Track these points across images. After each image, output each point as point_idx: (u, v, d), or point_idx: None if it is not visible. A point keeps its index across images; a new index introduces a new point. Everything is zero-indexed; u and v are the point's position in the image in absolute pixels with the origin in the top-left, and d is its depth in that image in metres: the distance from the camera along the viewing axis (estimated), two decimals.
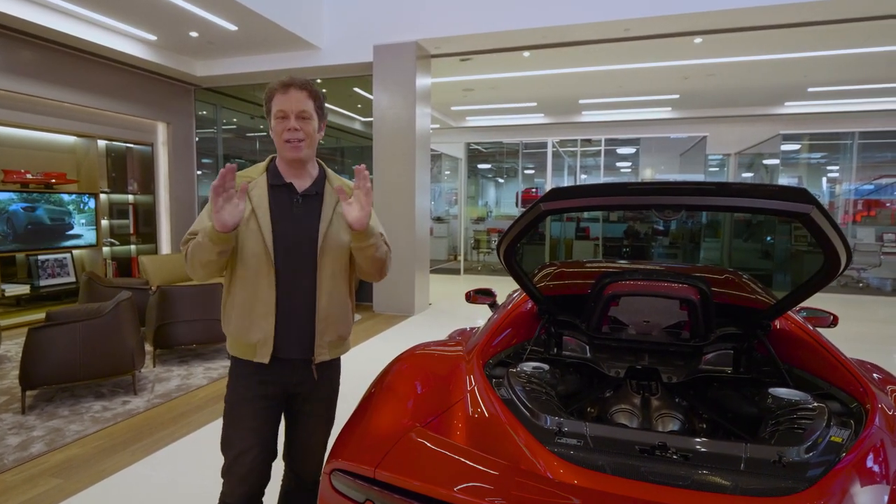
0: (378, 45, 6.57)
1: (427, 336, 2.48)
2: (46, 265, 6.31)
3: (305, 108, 1.55)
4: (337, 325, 1.64)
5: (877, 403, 1.38)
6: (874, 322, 6.70)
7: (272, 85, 1.56)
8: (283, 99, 1.54)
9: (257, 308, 1.56)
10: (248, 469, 1.60)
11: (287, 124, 1.54)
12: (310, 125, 1.57)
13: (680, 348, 2.00)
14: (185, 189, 8.07)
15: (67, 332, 3.46)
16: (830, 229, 1.37)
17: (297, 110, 1.54)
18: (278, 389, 1.62)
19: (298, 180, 1.62)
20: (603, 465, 1.22)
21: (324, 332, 1.61)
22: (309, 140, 1.58)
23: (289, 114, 1.53)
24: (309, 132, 1.57)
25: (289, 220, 1.58)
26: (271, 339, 1.56)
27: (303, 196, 1.60)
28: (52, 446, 2.98)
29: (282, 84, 1.55)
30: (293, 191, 1.60)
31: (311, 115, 1.57)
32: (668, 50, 6.86)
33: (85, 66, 6.47)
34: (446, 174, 13.64)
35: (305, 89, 1.56)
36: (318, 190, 1.63)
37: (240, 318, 1.58)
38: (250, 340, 1.57)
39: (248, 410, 1.59)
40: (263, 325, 1.56)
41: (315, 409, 1.70)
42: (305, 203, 1.61)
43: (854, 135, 10.09)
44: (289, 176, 1.62)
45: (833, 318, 2.57)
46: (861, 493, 1.11)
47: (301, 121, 1.55)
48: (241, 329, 1.58)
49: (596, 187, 1.50)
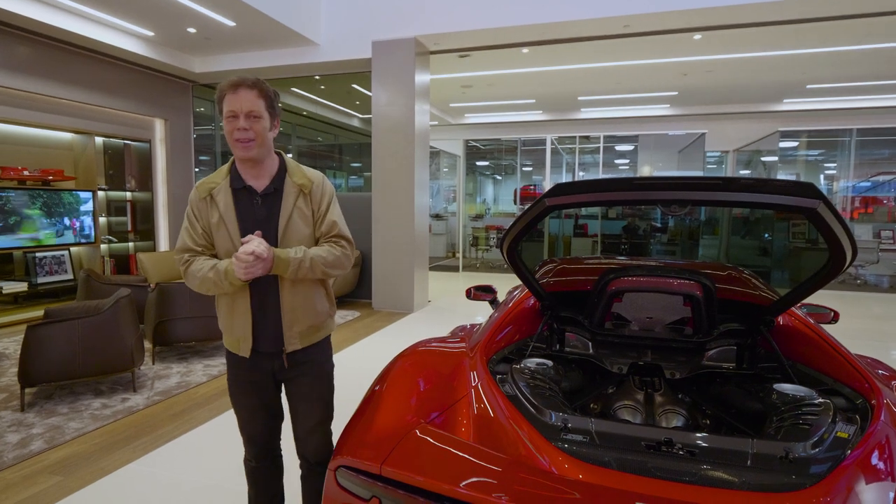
0: (376, 40, 6.54)
1: (427, 333, 2.47)
2: (44, 262, 6.29)
3: (254, 108, 1.57)
4: (305, 316, 1.71)
5: (882, 399, 1.38)
6: (872, 318, 6.72)
7: (222, 85, 1.58)
8: (232, 99, 1.56)
9: (236, 308, 1.68)
10: (252, 431, 1.81)
11: (237, 124, 1.57)
12: (259, 124, 1.59)
13: (683, 344, 1.99)
14: (183, 186, 8.04)
15: (66, 329, 3.44)
16: (837, 224, 1.37)
17: (246, 110, 1.56)
18: (263, 375, 1.75)
19: (257, 180, 1.67)
20: (609, 461, 1.21)
21: (291, 323, 1.69)
22: (259, 139, 1.60)
23: (238, 113, 1.56)
24: (258, 131, 1.59)
25: (252, 221, 1.64)
26: (250, 335, 1.67)
27: (262, 196, 1.66)
28: (51, 444, 2.96)
29: (231, 84, 1.57)
30: (253, 192, 1.66)
31: (261, 115, 1.59)
32: (667, 46, 6.85)
33: (82, 62, 6.43)
34: (444, 171, 13.62)
35: (255, 88, 1.58)
36: (278, 187, 1.68)
37: (224, 316, 1.73)
38: (234, 337, 1.71)
39: (243, 394, 1.77)
40: (242, 322, 1.67)
41: (305, 394, 1.78)
42: (265, 202, 1.67)
43: (852, 132, 10.10)
44: (248, 177, 1.66)
45: (834, 314, 2.57)
46: (868, 488, 1.10)
47: (251, 120, 1.57)
48: (227, 326, 1.73)
49: (601, 182, 1.49)
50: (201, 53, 7.31)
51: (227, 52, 7.21)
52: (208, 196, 1.65)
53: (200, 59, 7.46)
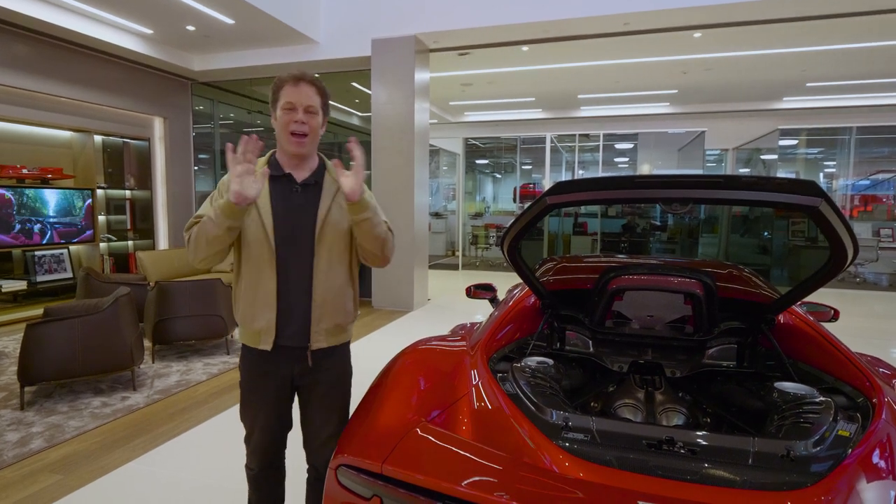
0: (376, 38, 6.53)
1: (427, 331, 2.47)
2: (43, 261, 6.28)
3: (313, 103, 1.59)
4: (334, 313, 1.67)
5: (883, 397, 1.38)
6: (871, 317, 6.73)
7: (283, 77, 1.59)
8: (292, 91, 1.57)
9: (260, 296, 1.61)
10: (259, 441, 1.74)
11: (294, 116, 1.57)
12: (315, 120, 1.61)
13: (683, 343, 1.99)
14: (182, 184, 8.03)
15: (66, 327, 3.44)
16: (838, 222, 1.36)
17: (305, 104, 1.57)
18: (283, 376, 1.68)
19: (298, 171, 1.66)
20: (610, 460, 1.21)
21: (320, 318, 1.64)
22: (313, 134, 1.62)
23: (297, 106, 1.57)
24: (314, 127, 1.61)
25: (288, 208, 1.61)
26: (273, 326, 1.61)
27: (302, 185, 1.64)
28: (51, 442, 2.96)
29: (293, 77, 1.58)
30: (292, 180, 1.64)
31: (317, 111, 1.61)
32: (666, 44, 6.84)
33: (80, 60, 6.42)
34: (444, 169, 13.61)
35: (315, 85, 1.61)
36: (318, 180, 1.67)
37: (245, 306, 1.64)
38: (255, 328, 1.63)
39: (257, 394, 1.69)
40: (266, 312, 1.61)
41: (322, 401, 1.72)
42: (304, 192, 1.64)
43: (851, 130, 10.10)
44: (288, 167, 1.65)
45: (834, 312, 2.57)
46: (870, 487, 1.10)
47: (308, 115, 1.59)
48: (247, 317, 1.64)
49: (602, 180, 1.49)
50: (200, 51, 7.29)
51: (226, 50, 7.19)
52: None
53: (200, 57, 7.45)
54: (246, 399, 1.73)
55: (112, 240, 7.28)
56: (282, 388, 1.70)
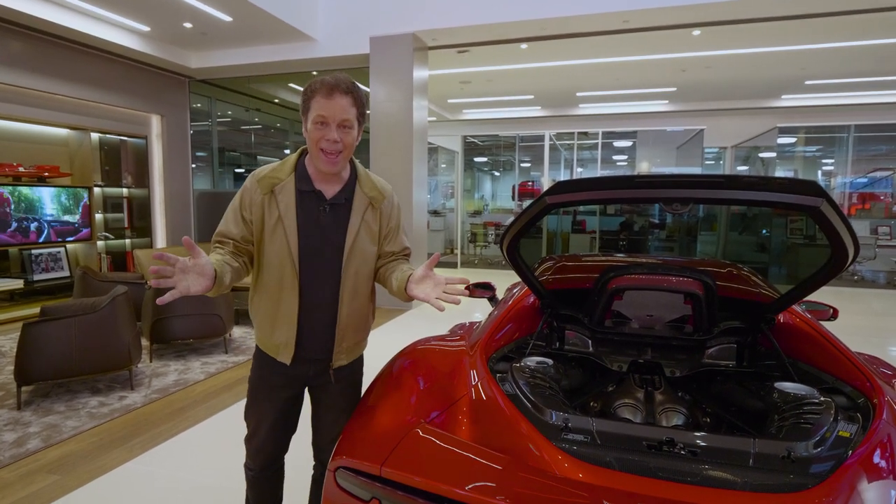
0: (374, 36, 6.51)
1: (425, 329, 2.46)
2: (40, 259, 6.25)
3: (348, 117, 1.44)
4: (356, 332, 1.65)
5: (884, 397, 1.37)
6: (869, 315, 6.74)
7: (315, 84, 1.44)
8: (325, 104, 1.41)
9: (280, 315, 1.55)
10: (263, 442, 1.70)
11: (327, 133, 1.43)
12: (350, 135, 1.47)
13: (683, 342, 1.99)
14: (180, 182, 8.01)
15: (63, 327, 3.42)
16: (840, 222, 1.36)
17: (339, 119, 1.43)
18: (297, 383, 1.66)
19: (327, 185, 1.55)
20: (610, 462, 1.20)
21: (342, 339, 1.61)
22: (347, 151, 1.49)
23: (329, 121, 1.43)
24: (349, 143, 1.47)
25: (315, 229, 1.53)
26: (293, 343, 1.56)
27: (331, 204, 1.54)
28: (48, 442, 2.95)
29: (326, 86, 1.41)
30: (322, 198, 1.54)
31: (352, 125, 1.47)
32: (666, 42, 6.83)
33: (77, 57, 6.39)
34: (443, 167, 13.59)
35: (350, 94, 1.44)
36: (348, 197, 1.57)
37: (264, 319, 1.60)
38: (273, 341, 1.59)
39: (265, 396, 1.66)
40: (286, 329, 1.56)
41: (337, 402, 1.70)
42: (333, 211, 1.55)
43: (850, 128, 10.10)
44: (318, 181, 1.54)
45: (833, 311, 2.56)
46: (871, 487, 1.10)
47: (342, 130, 1.45)
48: (265, 329, 1.60)
49: (602, 180, 1.48)
50: (197, 49, 7.26)
51: (223, 47, 7.17)
52: (270, 193, 1.51)
53: (197, 54, 7.42)
54: (254, 398, 1.68)
55: (109, 238, 7.26)
56: (296, 394, 1.68)
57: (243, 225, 1.53)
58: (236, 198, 1.56)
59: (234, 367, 4.34)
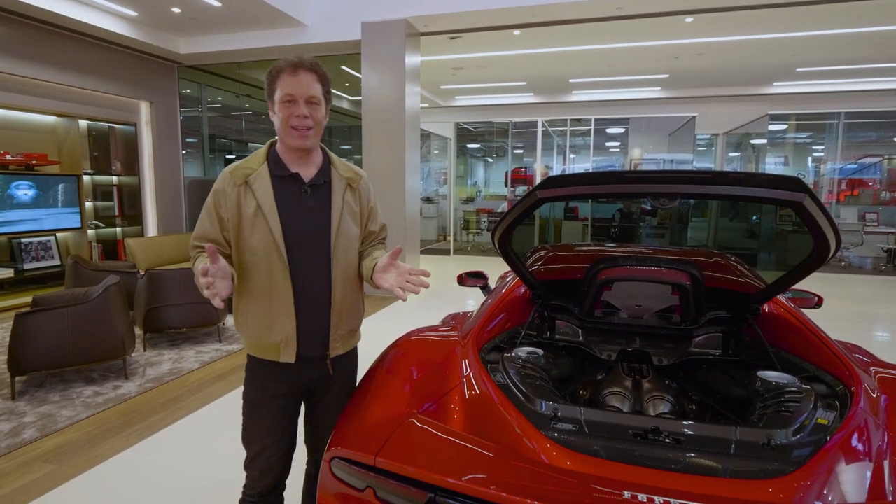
0: (366, 21, 6.44)
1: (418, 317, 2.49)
2: (30, 248, 6.21)
3: (315, 93, 1.45)
4: (349, 318, 1.62)
5: (861, 386, 1.42)
6: (855, 301, 6.86)
7: (279, 64, 1.45)
8: (291, 81, 1.43)
9: (276, 308, 1.51)
10: (268, 465, 1.61)
11: (295, 110, 1.44)
12: (319, 112, 1.48)
13: (670, 332, 2.03)
14: (170, 169, 7.94)
15: (55, 317, 3.42)
16: (822, 217, 1.39)
17: (306, 95, 1.44)
18: (298, 387, 1.61)
19: (304, 169, 1.53)
20: (597, 450, 1.24)
21: (337, 326, 1.58)
22: (318, 127, 1.49)
23: (297, 98, 1.43)
24: (318, 119, 1.48)
25: (298, 212, 1.50)
26: (294, 338, 1.52)
27: (311, 186, 1.52)
28: (44, 432, 2.97)
29: (290, 64, 1.43)
30: (300, 181, 1.52)
31: (319, 101, 1.48)
32: (658, 29, 6.81)
33: (63, 43, 6.28)
34: (435, 154, 13.55)
35: (315, 72, 1.46)
36: (326, 179, 1.56)
37: (258, 318, 1.53)
38: (272, 341, 1.53)
39: (267, 409, 1.58)
40: (285, 324, 1.51)
41: (333, 400, 1.67)
42: (314, 193, 1.53)
43: (840, 115, 10.17)
44: (293, 165, 1.52)
45: (818, 299, 2.62)
46: (846, 471, 1.15)
47: (310, 106, 1.45)
48: (262, 329, 1.53)
49: (592, 175, 1.50)
50: (186, 34, 7.15)
51: (213, 32, 7.07)
52: (244, 183, 1.48)
53: (186, 39, 7.31)
54: (253, 414, 1.59)
55: (100, 227, 7.21)
56: (295, 401, 1.64)
57: (220, 224, 1.50)
58: (209, 199, 1.52)
59: (228, 355, 4.36)
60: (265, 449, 1.60)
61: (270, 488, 1.65)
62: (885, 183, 10.59)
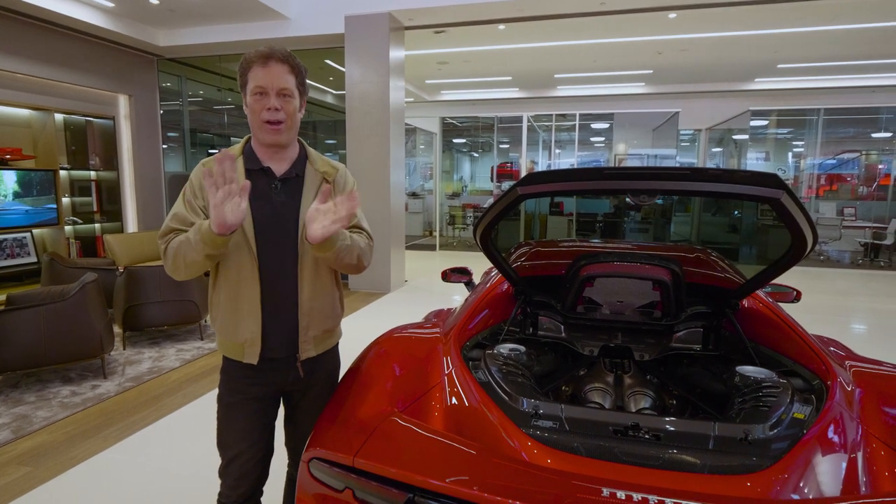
0: (350, 15, 6.37)
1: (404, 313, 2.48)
2: (5, 245, 6.06)
3: (287, 85, 1.41)
4: (322, 318, 1.56)
5: (836, 379, 1.44)
6: (833, 294, 6.99)
7: (249, 56, 1.40)
8: (262, 73, 1.39)
9: (242, 305, 1.47)
10: (244, 471, 1.57)
11: (266, 102, 1.40)
12: (291, 104, 1.43)
13: (652, 327, 2.04)
14: (150, 164, 7.80)
15: (31, 315, 3.34)
16: (799, 213, 1.41)
17: (277, 87, 1.40)
18: (271, 389, 1.57)
19: (276, 164, 1.50)
20: (578, 448, 1.24)
21: (308, 327, 1.53)
22: (290, 121, 1.44)
23: (268, 90, 1.39)
24: (290, 112, 1.43)
25: (268, 206, 1.46)
26: (259, 338, 1.48)
27: (282, 180, 1.49)
28: (18, 434, 2.90)
29: (261, 56, 1.39)
30: (271, 175, 1.48)
31: (292, 93, 1.43)
32: (642, 24, 6.84)
33: (38, 34, 6.11)
34: (421, 149, 13.50)
35: (287, 63, 1.41)
36: (299, 172, 1.51)
37: (225, 315, 1.50)
38: (237, 340, 1.49)
39: (241, 412, 1.54)
40: (250, 323, 1.47)
41: (312, 404, 1.62)
42: (285, 188, 1.49)
43: (819, 111, 10.33)
44: (266, 159, 1.49)
45: (797, 293, 2.66)
46: (822, 465, 1.16)
47: (282, 99, 1.41)
48: (228, 327, 1.50)
49: (572, 172, 1.50)
50: (166, 26, 7.01)
51: (193, 24, 6.93)
52: None
53: (165, 32, 7.16)
54: (228, 418, 1.55)
55: (78, 223, 7.06)
56: (270, 404, 1.59)
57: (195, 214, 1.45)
58: (185, 187, 1.48)
59: (209, 353, 4.31)
60: (240, 454, 1.55)
61: (247, 496, 1.60)
62: (862, 178, 10.80)
